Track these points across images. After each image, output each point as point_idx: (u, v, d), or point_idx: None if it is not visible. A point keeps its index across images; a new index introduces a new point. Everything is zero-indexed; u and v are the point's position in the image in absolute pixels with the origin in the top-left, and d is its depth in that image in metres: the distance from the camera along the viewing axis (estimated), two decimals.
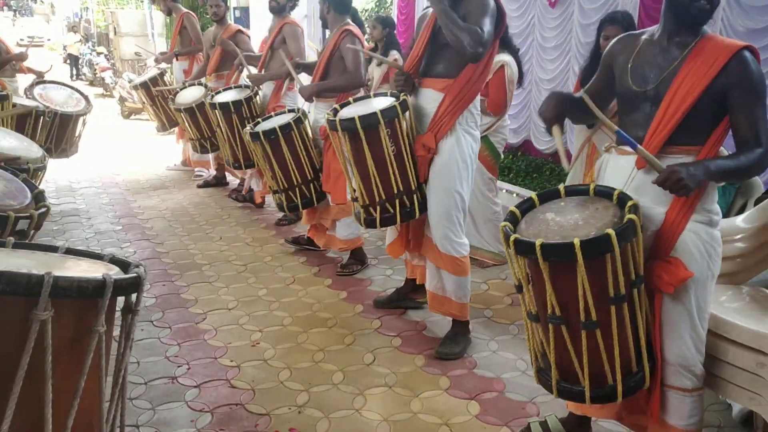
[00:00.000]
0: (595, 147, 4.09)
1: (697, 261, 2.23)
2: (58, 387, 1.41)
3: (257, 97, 5.51)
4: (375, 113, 3.29)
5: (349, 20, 4.58)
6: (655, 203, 2.26)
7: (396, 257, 3.99)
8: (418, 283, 3.93)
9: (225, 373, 3.34)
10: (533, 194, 2.41)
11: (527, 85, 6.41)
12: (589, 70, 4.05)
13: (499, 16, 3.27)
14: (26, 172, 3.31)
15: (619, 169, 2.39)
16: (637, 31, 2.48)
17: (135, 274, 1.56)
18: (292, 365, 3.42)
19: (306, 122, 4.58)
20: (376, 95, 3.69)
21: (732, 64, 2.16)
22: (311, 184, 4.61)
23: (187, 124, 6.42)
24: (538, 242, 2.05)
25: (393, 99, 3.44)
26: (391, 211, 3.45)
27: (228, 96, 5.60)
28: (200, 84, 6.58)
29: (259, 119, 4.90)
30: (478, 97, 3.42)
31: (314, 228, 4.99)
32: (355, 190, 3.61)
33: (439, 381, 3.27)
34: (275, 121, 4.62)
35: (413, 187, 3.45)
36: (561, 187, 2.39)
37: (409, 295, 4.09)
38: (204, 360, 3.47)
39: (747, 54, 2.17)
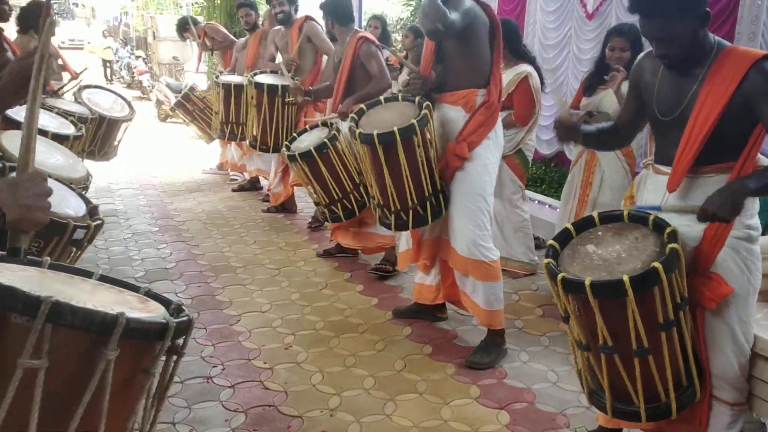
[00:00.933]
0: (594, 154, 4.14)
1: (736, 276, 2.24)
2: (110, 425, 1.41)
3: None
4: (392, 132, 3.35)
5: (356, 27, 4.65)
6: (693, 221, 2.25)
7: (401, 268, 4.02)
8: (436, 302, 3.94)
9: (258, 374, 3.40)
10: (569, 225, 2.41)
11: (564, 97, 6.41)
12: (593, 77, 4.08)
13: (492, 27, 3.42)
14: None
15: (658, 187, 2.40)
16: None
17: (188, 317, 1.53)
18: (323, 369, 3.47)
19: (341, 136, 4.63)
20: (403, 98, 3.71)
21: (751, 75, 2.13)
22: (351, 195, 4.65)
23: (223, 105, 6.37)
24: (587, 282, 2.06)
25: (416, 107, 3.51)
26: (404, 218, 3.53)
27: (269, 79, 5.65)
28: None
29: (295, 134, 4.95)
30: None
31: (338, 229, 5.03)
32: (373, 196, 3.73)
33: (469, 390, 3.29)
34: (312, 138, 4.68)
35: (427, 194, 3.49)
36: (595, 214, 2.39)
37: (430, 310, 4.05)
38: (238, 361, 3.54)
39: (765, 62, 2.13)
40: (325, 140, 4.51)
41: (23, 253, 1.46)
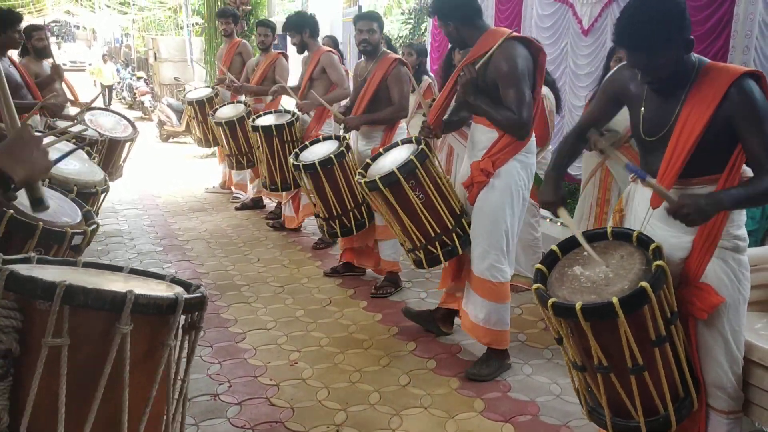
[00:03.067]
0: (608, 171, 4.15)
1: (727, 286, 2.27)
2: (133, 395, 1.54)
3: (297, 122, 5.66)
4: (393, 172, 3.45)
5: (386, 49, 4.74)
6: (681, 231, 2.29)
7: (441, 288, 4.05)
8: (455, 308, 3.95)
9: (265, 391, 3.44)
10: (554, 247, 2.45)
11: (561, 112, 6.49)
12: None
13: (536, 67, 3.36)
14: (94, 195, 3.48)
15: (645, 200, 2.43)
16: None
17: (200, 294, 1.71)
18: (329, 385, 3.50)
19: (349, 153, 4.70)
20: (403, 142, 3.89)
21: (731, 92, 2.15)
22: (351, 213, 4.71)
23: (224, 139, 6.65)
24: (578, 306, 2.09)
25: (415, 146, 3.62)
26: (435, 252, 3.57)
27: (269, 120, 5.78)
28: (239, 102, 6.89)
29: (307, 143, 5.01)
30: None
31: (350, 251, 5.09)
32: (402, 243, 3.80)
33: (473, 403, 3.32)
34: (322, 150, 4.73)
35: (450, 227, 3.55)
36: (579, 233, 2.39)
37: (438, 322, 4.08)
38: (244, 378, 3.58)
39: (746, 80, 2.15)
40: (332, 156, 4.56)
41: (45, 200, 1.57)
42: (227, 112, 6.72)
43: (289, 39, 5.96)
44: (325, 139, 5.00)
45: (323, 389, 3.46)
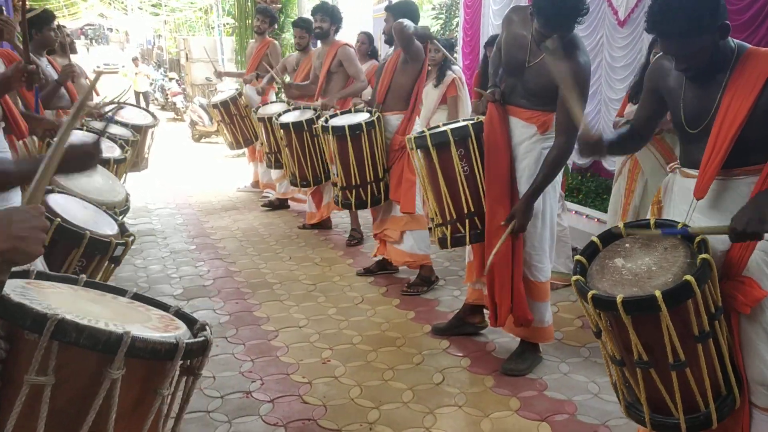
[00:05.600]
0: (637, 162, 4.12)
1: None
2: None
3: (321, 118, 5.65)
4: (445, 131, 3.35)
5: None
6: (722, 224, 2.22)
7: (466, 282, 3.99)
8: (482, 303, 3.89)
9: (297, 389, 3.41)
10: (594, 238, 2.38)
11: (597, 105, 6.36)
12: (638, 85, 4.02)
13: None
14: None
15: (685, 191, 2.36)
16: None
17: (204, 338, 1.52)
18: (362, 383, 3.47)
19: (379, 125, 4.71)
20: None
21: None
22: (369, 186, 4.73)
23: (265, 137, 6.68)
24: (619, 299, 2.01)
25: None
26: (462, 231, 3.48)
27: (294, 116, 5.81)
28: (277, 101, 6.95)
29: (338, 112, 5.07)
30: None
31: (383, 244, 5.05)
32: (431, 212, 3.68)
33: (509, 402, 3.26)
34: (350, 120, 4.74)
35: (485, 209, 3.46)
36: (621, 225, 2.34)
37: (467, 320, 4.01)
38: (277, 376, 3.56)
39: None
40: (362, 122, 4.55)
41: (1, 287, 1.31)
42: (273, 108, 6.70)
43: (314, 21, 5.92)
44: (357, 111, 5.00)
45: (356, 387, 3.42)
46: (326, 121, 4.83)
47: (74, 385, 1.34)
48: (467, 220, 3.47)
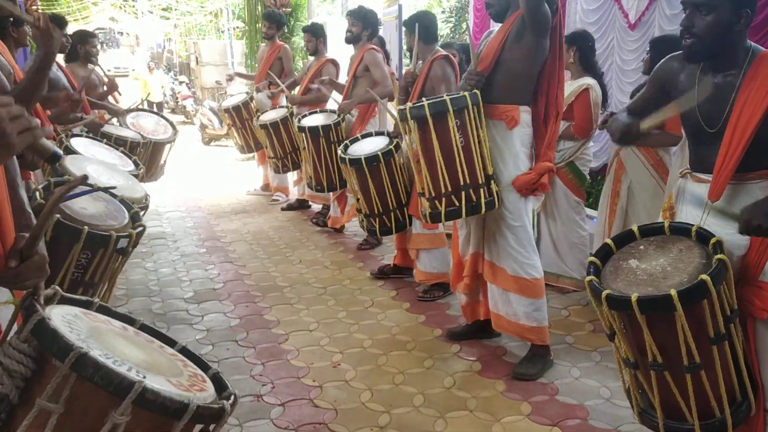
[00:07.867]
0: (621, 163, 4.20)
1: None
2: None
3: (343, 123, 5.64)
4: (444, 100, 3.32)
5: (439, 47, 4.68)
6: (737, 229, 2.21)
7: (453, 290, 4.00)
8: (483, 318, 3.87)
9: (308, 392, 3.41)
10: (608, 240, 2.36)
11: (608, 108, 6.34)
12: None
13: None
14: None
15: (697, 197, 2.35)
16: None
17: (219, 407, 1.42)
18: (372, 386, 3.46)
19: (398, 153, 4.65)
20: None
21: None
22: (393, 213, 4.68)
23: (268, 142, 6.70)
24: (633, 297, 2.00)
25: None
26: (457, 204, 3.41)
27: (315, 120, 5.76)
28: (282, 107, 6.94)
29: (359, 136, 5.01)
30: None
31: (402, 252, 5.04)
32: (422, 186, 3.56)
33: (520, 407, 3.24)
34: (371, 146, 4.70)
35: (480, 182, 3.40)
36: (635, 227, 2.33)
37: (486, 328, 3.94)
38: (287, 379, 3.56)
39: None
40: (378, 153, 4.52)
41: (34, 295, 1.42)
42: (271, 115, 6.75)
43: (347, 24, 5.90)
44: (378, 134, 4.97)
45: (366, 391, 3.42)
46: (345, 149, 4.77)
47: (80, 420, 1.33)
48: (463, 193, 3.39)
